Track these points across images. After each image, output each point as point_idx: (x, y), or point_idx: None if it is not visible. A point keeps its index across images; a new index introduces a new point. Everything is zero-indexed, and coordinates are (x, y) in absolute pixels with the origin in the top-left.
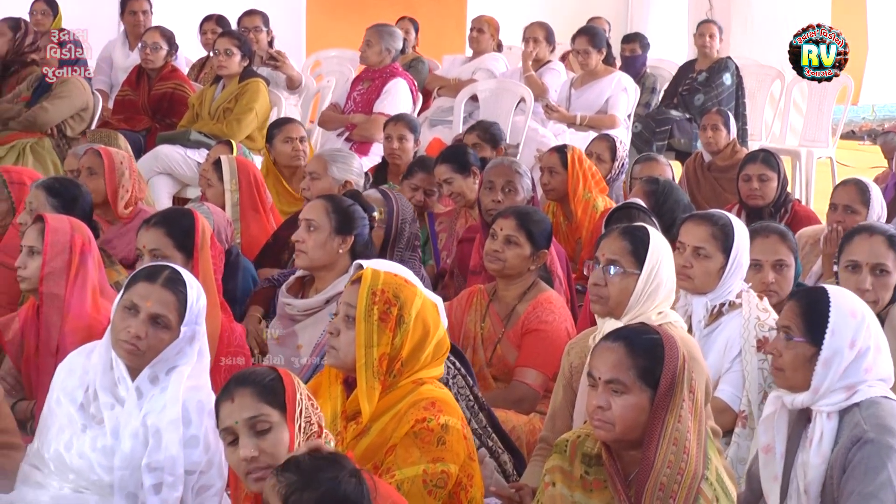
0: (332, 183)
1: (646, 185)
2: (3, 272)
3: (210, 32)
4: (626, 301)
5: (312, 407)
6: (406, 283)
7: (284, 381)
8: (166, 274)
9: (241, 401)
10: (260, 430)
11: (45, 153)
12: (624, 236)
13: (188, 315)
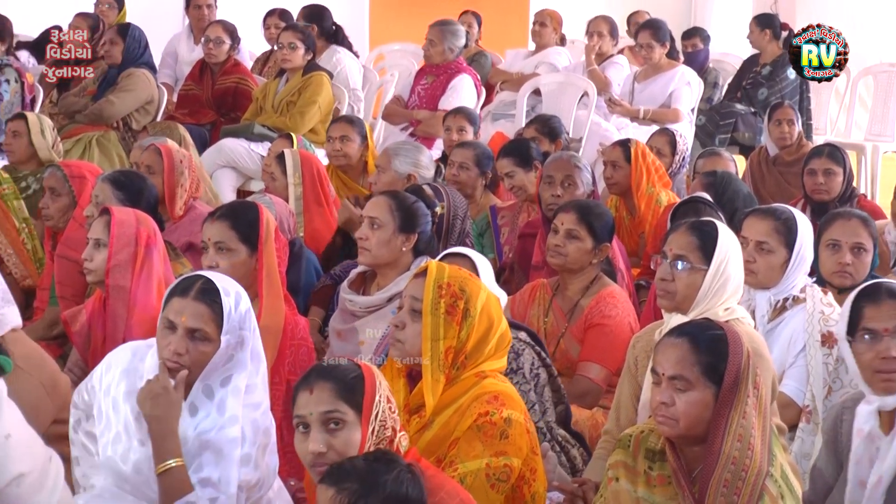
0: (395, 176)
1: (704, 177)
2: (66, 265)
3: (273, 27)
4: (693, 296)
5: (390, 410)
6: (470, 276)
7: (366, 381)
8: (199, 286)
9: (319, 394)
10: (332, 427)
11: (111, 146)
12: (692, 231)
13: (227, 324)
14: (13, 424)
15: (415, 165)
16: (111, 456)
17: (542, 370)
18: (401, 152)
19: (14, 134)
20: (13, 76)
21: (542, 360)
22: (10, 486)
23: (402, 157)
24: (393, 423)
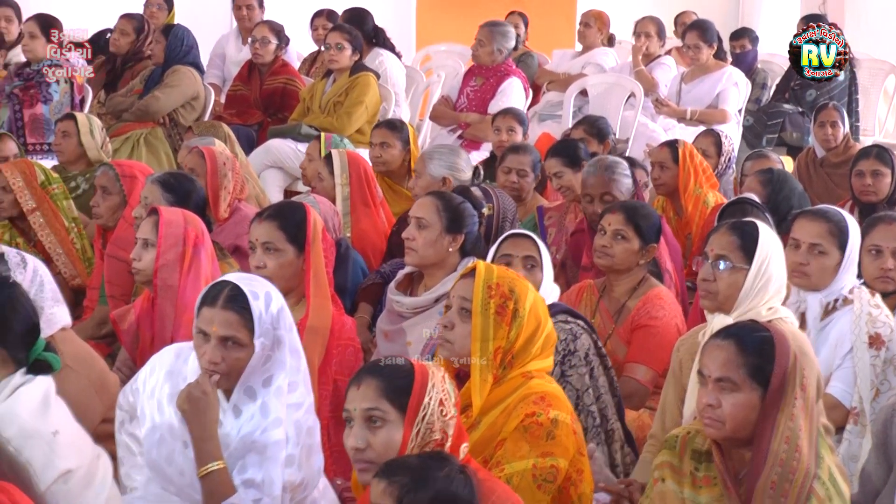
0: (430, 180)
1: (760, 175)
2: (115, 264)
3: (321, 27)
4: (735, 296)
5: (441, 414)
6: (518, 277)
7: (416, 382)
8: (226, 293)
9: (365, 390)
10: (374, 424)
11: (159, 144)
12: (733, 231)
13: (259, 328)
14: (61, 421)
15: (449, 169)
16: (156, 458)
17: (597, 358)
18: (435, 156)
19: (64, 134)
20: (63, 76)
21: (598, 350)
22: (58, 483)
23: (436, 161)
24: (443, 426)
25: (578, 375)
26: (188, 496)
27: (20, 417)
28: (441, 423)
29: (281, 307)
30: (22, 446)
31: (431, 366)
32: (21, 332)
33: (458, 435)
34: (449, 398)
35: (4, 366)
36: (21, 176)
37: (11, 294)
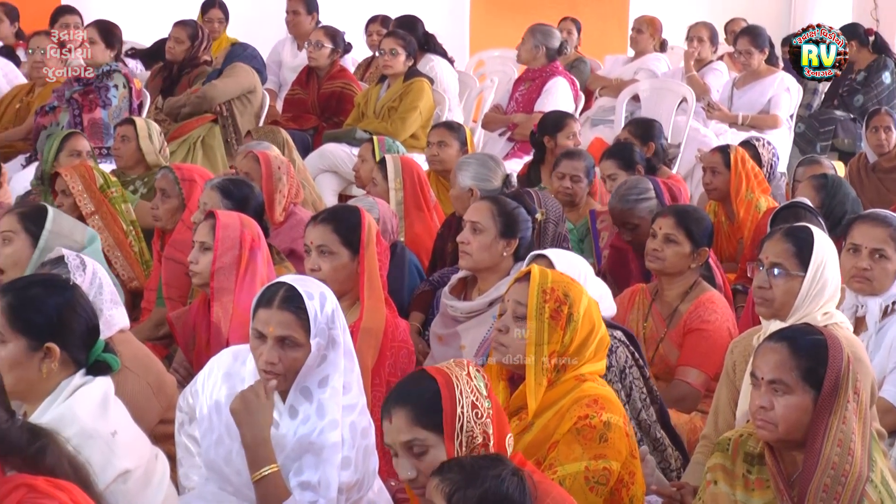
0: (459, 190)
1: (814, 180)
2: (173, 266)
3: (375, 33)
4: (791, 303)
5: (476, 417)
6: (572, 281)
7: (444, 398)
8: (282, 294)
9: (397, 422)
10: (417, 452)
11: (216, 146)
12: (787, 238)
13: (314, 327)
14: (119, 422)
15: (475, 179)
16: (213, 458)
17: (635, 369)
18: (463, 166)
19: (123, 138)
20: (121, 81)
21: (636, 360)
22: (117, 483)
23: (463, 172)
24: (484, 428)
25: (615, 391)
26: (245, 496)
27: (80, 418)
28: (480, 426)
29: (335, 308)
30: (81, 446)
31: (454, 370)
32: (81, 334)
33: (500, 428)
34: (480, 396)
35: (65, 367)
36: (80, 180)
37: (71, 296)
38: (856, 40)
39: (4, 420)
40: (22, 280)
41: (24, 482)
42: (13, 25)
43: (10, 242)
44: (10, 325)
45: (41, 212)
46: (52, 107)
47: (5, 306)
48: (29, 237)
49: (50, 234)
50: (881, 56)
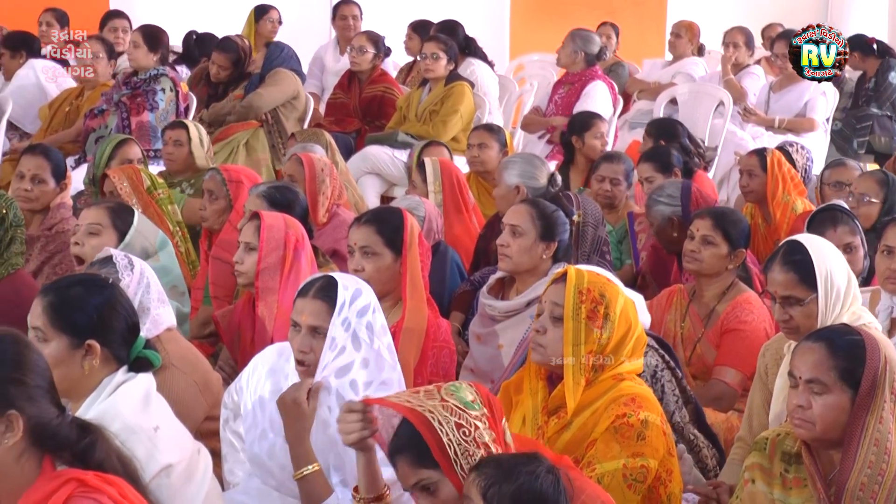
0: (505, 188)
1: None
2: (220, 266)
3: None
4: (814, 323)
5: (465, 436)
6: (609, 281)
7: (424, 436)
8: (319, 284)
9: (402, 470)
10: (430, 491)
11: (260, 148)
12: (787, 268)
13: (338, 314)
14: (161, 417)
15: (522, 177)
16: (257, 453)
17: (666, 372)
18: (509, 165)
19: (176, 143)
20: (168, 85)
21: (667, 363)
22: (160, 477)
23: (510, 170)
24: (478, 439)
25: None
26: (288, 489)
27: (123, 414)
28: (473, 441)
29: (368, 304)
30: (125, 441)
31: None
32: (121, 331)
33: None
34: (462, 412)
35: (107, 364)
36: (128, 181)
37: (111, 295)
38: (858, 51)
39: (55, 416)
40: (62, 280)
41: (73, 476)
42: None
43: (98, 235)
44: (51, 324)
45: (129, 210)
46: (100, 110)
47: (47, 305)
48: (115, 233)
49: (135, 232)
50: (885, 58)
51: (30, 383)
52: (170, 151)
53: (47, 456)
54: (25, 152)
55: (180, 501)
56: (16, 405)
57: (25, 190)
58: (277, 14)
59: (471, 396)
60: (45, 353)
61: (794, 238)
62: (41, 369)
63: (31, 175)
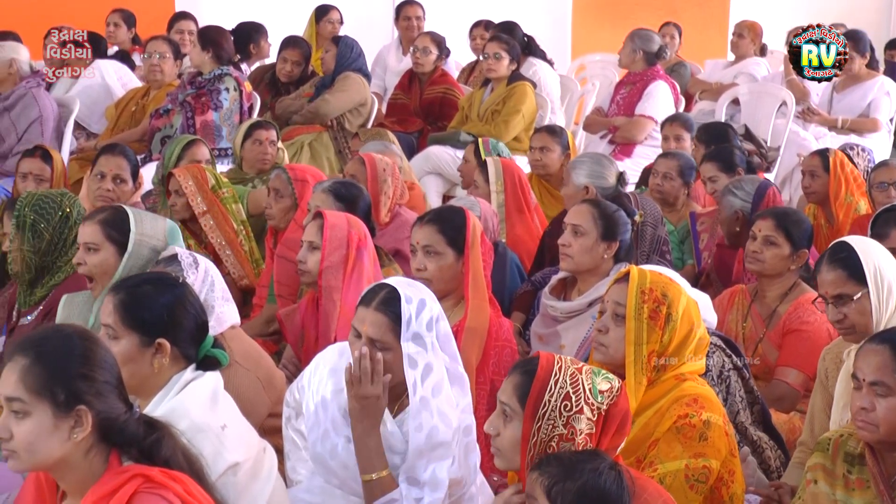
0: (574, 188)
1: None
2: (284, 264)
3: (479, 37)
4: (869, 321)
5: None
6: (671, 281)
7: (536, 377)
8: (381, 296)
9: (507, 385)
10: (506, 417)
11: (322, 149)
12: (834, 266)
13: (405, 331)
14: (229, 416)
15: (591, 177)
16: (320, 452)
17: (733, 372)
18: (577, 164)
19: (271, 143)
20: (232, 85)
21: (734, 364)
22: (227, 475)
23: (578, 170)
24: (571, 423)
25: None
26: (351, 489)
27: (191, 412)
28: (565, 419)
29: (435, 315)
30: (193, 439)
31: (565, 360)
32: (190, 330)
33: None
34: (585, 395)
35: (175, 362)
36: (193, 180)
37: (181, 294)
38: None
39: (122, 412)
40: (133, 278)
41: (140, 472)
42: (130, 31)
43: (96, 252)
44: (122, 322)
45: (121, 217)
46: (166, 109)
47: (117, 304)
48: (113, 245)
49: (136, 238)
50: None
51: (98, 379)
52: (265, 152)
53: (115, 451)
54: (104, 152)
55: (246, 499)
56: (85, 401)
57: (107, 190)
58: (338, 15)
59: (605, 386)
60: (116, 351)
61: (840, 239)
62: (109, 366)
63: (113, 175)
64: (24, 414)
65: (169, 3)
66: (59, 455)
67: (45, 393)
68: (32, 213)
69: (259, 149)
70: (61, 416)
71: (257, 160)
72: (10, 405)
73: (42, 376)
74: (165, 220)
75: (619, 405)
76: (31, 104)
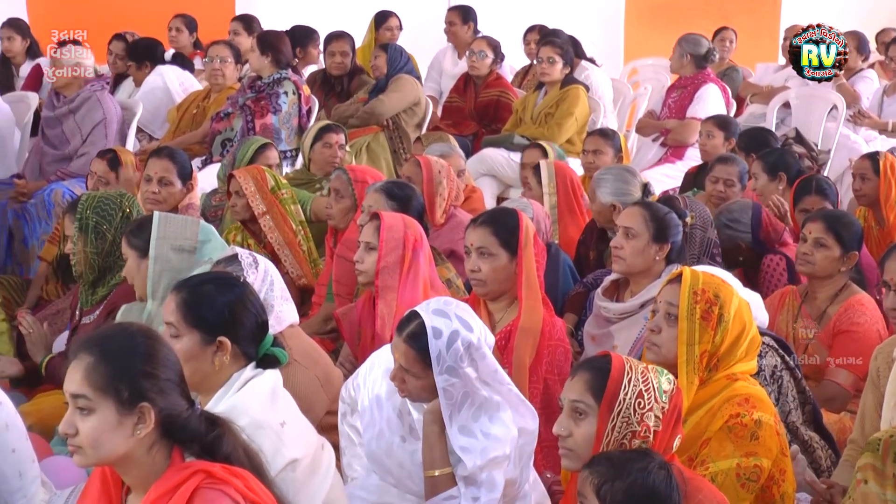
0: (601, 206)
1: None
2: (343, 264)
3: (533, 42)
4: None
5: (638, 407)
6: (723, 282)
7: (611, 376)
8: (410, 329)
9: (575, 383)
10: (577, 415)
11: (380, 150)
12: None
13: (436, 367)
14: (288, 413)
15: (615, 195)
16: (375, 450)
17: (786, 373)
18: (601, 182)
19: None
20: (291, 88)
21: (786, 364)
22: (286, 471)
23: (602, 188)
24: (644, 420)
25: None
26: (407, 487)
27: (251, 409)
28: (639, 415)
29: (472, 342)
30: (253, 436)
31: (632, 362)
32: (251, 329)
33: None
34: (654, 393)
35: (236, 360)
36: (253, 181)
37: (242, 292)
38: None
39: (184, 409)
40: (195, 277)
41: (201, 468)
42: (191, 35)
43: (126, 261)
44: (184, 321)
45: (145, 224)
46: (226, 113)
47: (179, 302)
48: (134, 251)
49: (158, 240)
50: None
51: (161, 377)
52: (336, 155)
53: (177, 447)
54: (152, 156)
55: (305, 495)
56: (148, 398)
57: (154, 192)
58: (397, 21)
59: (668, 387)
60: (178, 349)
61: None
62: (171, 363)
63: (159, 177)
64: (89, 411)
65: (229, 7)
66: (122, 451)
67: (109, 390)
68: (94, 216)
69: (329, 152)
70: (125, 412)
71: (326, 163)
72: (75, 402)
73: (106, 374)
74: (199, 221)
75: (676, 404)
76: (96, 107)
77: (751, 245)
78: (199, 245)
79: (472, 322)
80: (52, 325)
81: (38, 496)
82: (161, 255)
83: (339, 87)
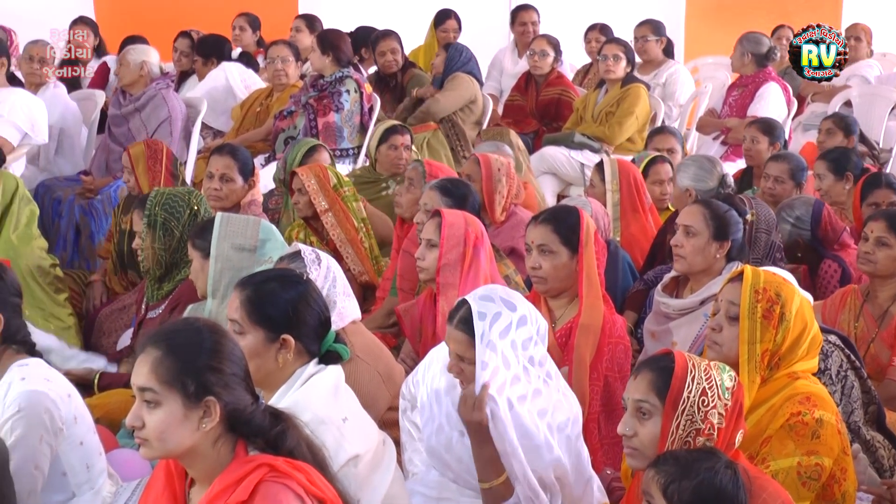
0: (678, 190)
1: None
2: (408, 259)
3: (594, 40)
4: None
5: (702, 405)
6: (785, 281)
7: (675, 374)
8: (460, 314)
9: (639, 382)
10: (642, 415)
11: (439, 146)
12: None
13: (480, 344)
14: (350, 409)
15: (692, 180)
16: (435, 445)
17: (851, 372)
18: (682, 168)
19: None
20: (353, 87)
21: (851, 363)
22: (348, 466)
23: (682, 173)
24: (708, 417)
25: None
26: (466, 482)
27: (314, 404)
28: (703, 413)
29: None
30: (315, 431)
31: (694, 359)
32: (314, 326)
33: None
34: (717, 390)
35: (299, 356)
36: (315, 179)
37: (305, 290)
38: None
39: (249, 403)
40: (259, 275)
41: (265, 462)
42: (255, 34)
43: (191, 261)
44: (248, 318)
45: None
46: (289, 111)
47: (244, 300)
48: (199, 253)
49: (218, 239)
50: None
51: (226, 371)
52: (400, 156)
53: (241, 441)
54: (214, 152)
55: (367, 490)
56: (213, 392)
57: (215, 189)
58: (455, 24)
59: (730, 384)
60: (242, 345)
61: None
62: (237, 358)
63: (220, 174)
64: (155, 404)
65: (293, 6)
66: (188, 444)
67: (176, 384)
68: (163, 212)
69: (394, 153)
70: (191, 406)
71: (392, 164)
72: (142, 395)
73: (173, 368)
74: (260, 220)
75: (738, 399)
76: (161, 105)
77: (809, 242)
78: (260, 244)
79: (518, 303)
80: (119, 320)
81: (104, 488)
82: (221, 253)
83: (394, 83)
